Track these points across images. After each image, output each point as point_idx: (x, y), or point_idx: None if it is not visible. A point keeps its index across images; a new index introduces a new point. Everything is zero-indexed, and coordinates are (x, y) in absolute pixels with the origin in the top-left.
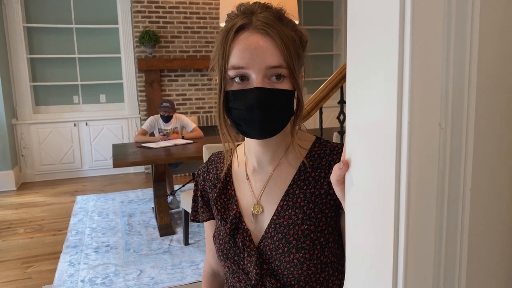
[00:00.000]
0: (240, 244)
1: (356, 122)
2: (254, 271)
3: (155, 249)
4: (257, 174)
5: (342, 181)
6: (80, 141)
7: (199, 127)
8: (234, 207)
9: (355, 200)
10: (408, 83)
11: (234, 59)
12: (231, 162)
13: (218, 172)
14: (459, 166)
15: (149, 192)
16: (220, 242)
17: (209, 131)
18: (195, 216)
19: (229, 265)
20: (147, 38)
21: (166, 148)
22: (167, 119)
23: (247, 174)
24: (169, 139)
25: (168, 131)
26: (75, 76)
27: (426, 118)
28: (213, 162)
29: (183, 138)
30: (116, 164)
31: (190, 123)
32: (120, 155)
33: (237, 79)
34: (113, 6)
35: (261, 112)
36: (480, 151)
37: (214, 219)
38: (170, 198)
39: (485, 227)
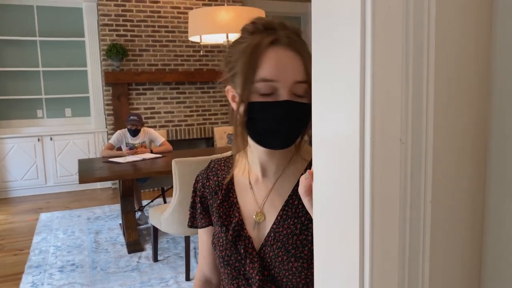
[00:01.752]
0: (242, 251)
1: (321, 137)
2: (256, 277)
3: (123, 267)
4: (260, 183)
5: (310, 192)
6: (44, 156)
7: (168, 141)
8: (237, 214)
9: (322, 210)
10: (369, 102)
11: (265, 72)
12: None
13: (219, 179)
14: (419, 179)
15: (116, 208)
16: (220, 249)
17: (178, 145)
18: (192, 222)
19: (229, 271)
20: (115, 51)
21: (134, 162)
22: (134, 133)
23: (250, 183)
24: (136, 153)
25: (136, 145)
26: (39, 90)
27: (387, 134)
28: (214, 169)
29: (151, 152)
30: (82, 180)
31: (159, 137)
32: (87, 171)
33: (263, 91)
34: (79, 19)
35: (288, 124)
36: (439, 164)
37: (212, 225)
38: (138, 214)
39: (446, 238)
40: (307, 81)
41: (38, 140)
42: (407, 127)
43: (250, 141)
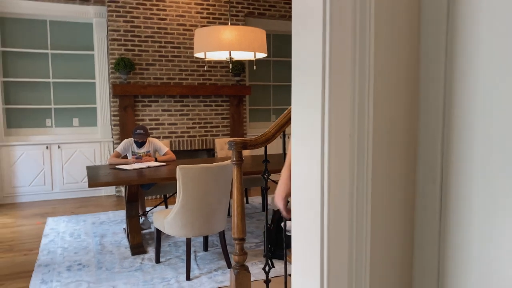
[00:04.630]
0: None
1: (297, 131)
2: None
3: (127, 267)
4: None
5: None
6: (52, 164)
7: (172, 151)
8: None
9: (297, 187)
10: (327, 104)
11: None
12: None
13: None
14: (363, 162)
15: (120, 214)
16: None
17: (181, 155)
18: None
19: None
20: (123, 65)
21: (139, 170)
22: (140, 144)
23: None
24: (142, 161)
25: (142, 154)
26: (49, 100)
27: (340, 130)
28: None
29: (156, 160)
30: (91, 184)
31: (163, 146)
32: (95, 176)
33: None
34: (89, 34)
35: None
36: (377, 152)
37: None
38: (142, 219)
39: (384, 204)
40: None
41: (47, 148)
42: (354, 126)
43: None
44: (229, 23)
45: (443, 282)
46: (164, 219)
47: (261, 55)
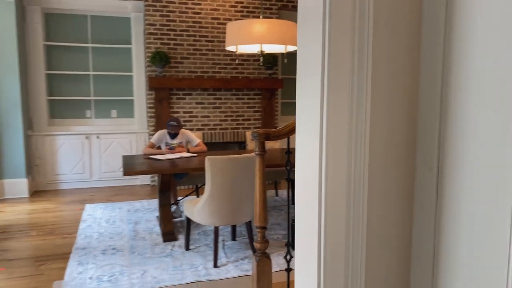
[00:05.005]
0: None
1: (301, 119)
2: None
3: (158, 253)
4: None
5: None
6: (91, 153)
7: (204, 143)
8: None
9: (300, 173)
10: (326, 93)
11: None
12: None
13: None
14: (361, 149)
15: (154, 203)
16: None
17: (212, 147)
18: None
19: None
20: (158, 58)
21: (172, 160)
22: (173, 135)
23: None
24: (174, 152)
25: (174, 145)
26: (89, 92)
27: (339, 118)
28: None
29: (188, 151)
30: (126, 173)
31: (195, 138)
32: (130, 165)
33: None
34: (127, 28)
35: None
36: (374, 139)
37: None
38: (173, 208)
39: (380, 189)
40: None
41: (86, 138)
42: (352, 114)
43: None
44: (261, 16)
45: (438, 254)
46: (193, 207)
47: (293, 48)
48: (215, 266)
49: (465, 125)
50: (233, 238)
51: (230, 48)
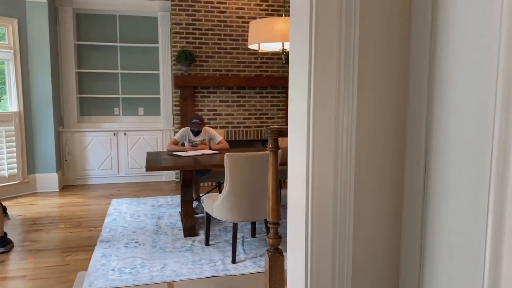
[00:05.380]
0: None
1: (291, 114)
2: None
3: (179, 247)
4: None
5: None
6: (118, 150)
7: (227, 140)
8: None
9: (291, 164)
10: (313, 87)
11: None
12: None
13: None
14: (347, 142)
15: (177, 199)
16: None
17: (236, 145)
18: None
19: None
20: (184, 57)
21: (194, 156)
22: (196, 133)
23: None
24: (197, 149)
25: (197, 142)
26: (117, 90)
27: (325, 112)
28: None
29: (210, 148)
30: (148, 168)
31: (217, 135)
32: (153, 161)
33: None
34: (154, 27)
35: None
36: (360, 132)
37: None
38: (195, 204)
39: (367, 184)
40: None
41: (114, 134)
42: (339, 109)
43: None
44: (284, 15)
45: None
46: (213, 203)
47: None
48: (233, 261)
49: (449, 119)
50: (253, 235)
51: (253, 46)
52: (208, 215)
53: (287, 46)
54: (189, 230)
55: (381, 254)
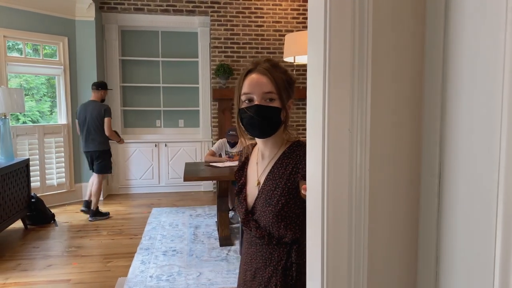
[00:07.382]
0: (242, 200)
1: (309, 127)
2: (243, 215)
3: (215, 256)
4: (260, 162)
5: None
6: (159, 160)
7: None
8: (243, 178)
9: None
10: (327, 100)
11: (245, 88)
12: (252, 150)
13: (245, 155)
14: (362, 155)
15: (215, 209)
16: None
17: None
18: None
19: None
20: (222, 70)
21: (230, 167)
22: (233, 144)
23: (257, 162)
24: (234, 160)
25: (234, 153)
26: (159, 103)
27: (340, 125)
28: (246, 148)
29: None
30: (186, 178)
31: None
32: (190, 171)
33: (246, 101)
34: (194, 42)
35: (261, 119)
36: (374, 145)
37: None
38: (231, 214)
39: (381, 193)
40: (275, 92)
41: (155, 146)
42: (353, 122)
43: None
44: None
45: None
46: None
47: None
48: None
49: (460, 129)
50: None
51: (288, 59)
52: None
53: None
54: (225, 240)
55: (396, 266)
